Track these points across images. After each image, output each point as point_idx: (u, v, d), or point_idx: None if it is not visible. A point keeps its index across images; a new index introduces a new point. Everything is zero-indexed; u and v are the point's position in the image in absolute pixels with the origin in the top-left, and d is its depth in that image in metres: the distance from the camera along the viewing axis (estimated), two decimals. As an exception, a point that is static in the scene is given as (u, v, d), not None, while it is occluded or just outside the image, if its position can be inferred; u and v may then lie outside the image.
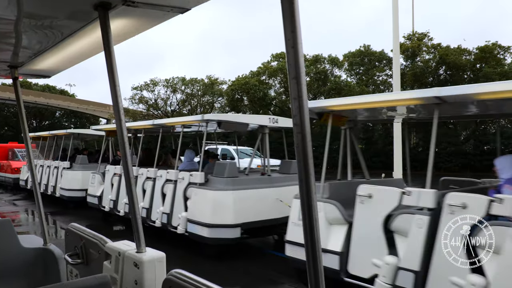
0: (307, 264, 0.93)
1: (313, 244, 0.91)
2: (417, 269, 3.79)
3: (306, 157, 0.90)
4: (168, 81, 34.06)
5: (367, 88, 28.05)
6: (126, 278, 1.64)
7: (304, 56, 6.06)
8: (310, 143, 0.91)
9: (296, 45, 0.88)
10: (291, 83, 0.90)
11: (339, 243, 4.64)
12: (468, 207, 3.53)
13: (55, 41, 1.93)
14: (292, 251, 5.05)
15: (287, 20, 0.88)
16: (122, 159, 1.60)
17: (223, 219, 6.10)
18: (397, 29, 12.76)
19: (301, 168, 0.91)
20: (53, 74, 2.72)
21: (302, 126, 0.89)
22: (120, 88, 1.58)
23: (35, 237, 2.69)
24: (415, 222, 3.90)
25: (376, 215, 4.29)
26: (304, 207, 0.92)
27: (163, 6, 1.48)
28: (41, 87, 43.65)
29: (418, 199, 3.93)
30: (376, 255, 4.15)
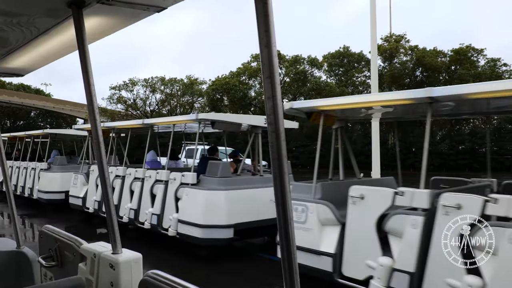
0: (282, 264, 0.94)
1: (288, 244, 0.92)
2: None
3: (281, 156, 0.91)
4: (147, 81, 33.69)
5: (346, 89, 28.44)
6: (101, 280, 1.62)
7: (283, 56, 6.10)
8: (285, 142, 0.92)
9: (269, 44, 0.88)
10: (265, 82, 0.90)
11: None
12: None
13: (28, 39, 1.88)
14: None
15: (260, 19, 0.88)
16: (97, 159, 1.58)
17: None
18: (375, 31, 12.97)
19: (276, 167, 0.92)
20: (26, 72, 2.65)
21: (276, 125, 0.90)
22: (95, 87, 1.56)
23: (8, 240, 2.61)
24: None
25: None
26: (278, 207, 0.93)
27: (139, 5, 1.46)
28: (15, 86, 42.44)
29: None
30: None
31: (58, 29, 1.70)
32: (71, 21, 1.56)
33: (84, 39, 1.51)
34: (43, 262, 2.01)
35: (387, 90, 26.29)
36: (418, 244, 3.74)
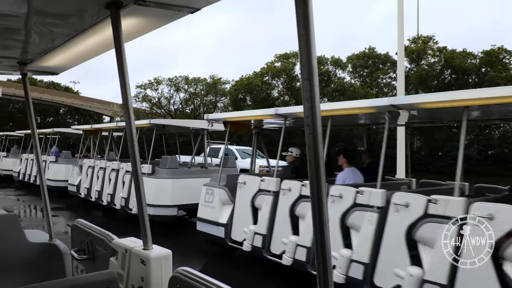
0: (316, 264, 0.94)
1: (323, 245, 0.92)
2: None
3: (318, 157, 0.91)
4: (172, 80, 34.13)
5: (371, 90, 28.02)
6: (132, 275, 1.65)
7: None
8: (322, 144, 0.91)
9: (309, 46, 0.88)
10: (303, 84, 0.90)
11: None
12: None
13: (65, 39, 1.94)
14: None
15: (300, 21, 0.88)
16: (131, 157, 1.61)
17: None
18: (402, 32, 12.74)
19: (312, 169, 0.91)
20: (61, 71, 2.73)
21: (314, 127, 0.90)
22: (130, 86, 1.60)
23: (41, 232, 2.70)
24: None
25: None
26: (314, 209, 0.93)
27: (174, 6, 1.49)
28: (46, 84, 43.81)
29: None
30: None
31: (94, 29, 1.75)
32: (108, 22, 1.60)
33: (120, 39, 1.55)
34: (75, 255, 2.07)
35: (413, 92, 25.75)
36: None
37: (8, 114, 42.91)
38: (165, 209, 7.93)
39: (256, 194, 5.77)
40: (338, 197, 4.66)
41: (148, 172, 8.28)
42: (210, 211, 6.48)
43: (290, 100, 30.74)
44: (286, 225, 5.24)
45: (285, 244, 5.11)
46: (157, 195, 7.90)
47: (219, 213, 6.27)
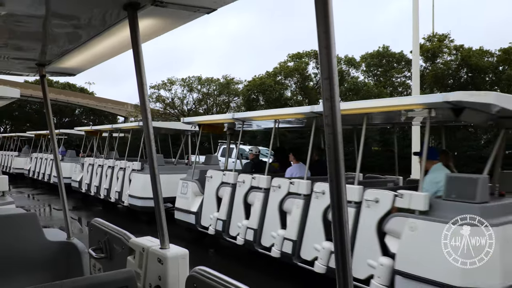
0: (336, 266, 0.93)
1: (342, 245, 0.91)
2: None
3: (338, 157, 0.90)
4: (185, 80, 34.34)
5: (385, 90, 27.73)
6: (149, 274, 1.67)
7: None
8: (342, 143, 0.90)
9: (329, 45, 0.88)
10: (323, 83, 0.90)
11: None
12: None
13: (82, 40, 1.96)
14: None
15: (320, 20, 0.87)
16: (148, 156, 1.62)
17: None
18: (417, 30, 12.57)
19: (332, 169, 0.91)
20: (78, 72, 2.77)
21: (333, 126, 0.89)
22: (147, 86, 1.61)
23: (59, 231, 2.74)
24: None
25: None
26: (334, 209, 0.92)
27: (190, 6, 1.50)
28: (62, 85, 44.55)
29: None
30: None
31: (112, 31, 1.76)
32: (125, 23, 1.62)
33: (138, 40, 1.56)
34: (93, 254, 2.10)
35: (428, 91, 25.38)
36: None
37: (25, 115, 43.77)
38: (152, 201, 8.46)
39: (219, 186, 6.81)
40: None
41: (138, 169, 9.60)
42: (184, 201, 7.58)
43: (303, 100, 30.64)
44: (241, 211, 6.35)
45: (239, 227, 6.26)
46: (144, 189, 8.96)
47: (191, 203, 7.37)
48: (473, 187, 3.90)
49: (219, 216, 6.62)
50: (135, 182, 9.43)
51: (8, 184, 5.35)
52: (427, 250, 3.86)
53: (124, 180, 9.99)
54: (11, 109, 39.92)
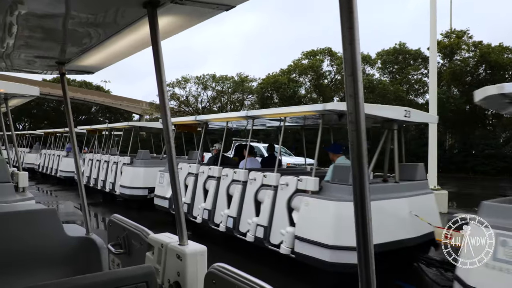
0: (358, 264, 0.92)
1: (365, 244, 0.90)
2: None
3: (361, 155, 0.89)
4: (199, 78, 34.51)
5: (401, 87, 27.37)
6: (168, 269, 1.68)
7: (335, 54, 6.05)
8: (365, 141, 0.89)
9: (353, 41, 0.86)
10: (347, 80, 0.88)
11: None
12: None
13: (102, 38, 1.98)
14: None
15: (344, 16, 0.86)
16: (167, 154, 1.63)
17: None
18: (435, 26, 12.33)
19: (355, 166, 0.89)
20: (97, 70, 2.79)
21: (357, 124, 0.88)
22: (166, 84, 1.61)
23: (78, 227, 2.78)
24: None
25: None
26: (357, 207, 0.91)
27: (209, 4, 1.49)
28: (78, 83, 45.28)
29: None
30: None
31: (131, 28, 1.77)
32: (144, 20, 1.62)
33: (157, 38, 1.57)
34: (112, 249, 2.13)
35: (446, 88, 24.95)
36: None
37: (43, 113, 44.66)
38: (139, 190, 10.45)
39: (186, 176, 8.25)
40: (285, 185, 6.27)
41: (127, 163, 11.03)
42: (161, 189, 8.90)
43: (318, 97, 30.46)
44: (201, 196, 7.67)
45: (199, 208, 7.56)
46: (132, 180, 10.52)
47: (166, 190, 8.58)
48: (347, 173, 5.25)
49: (185, 200, 7.91)
50: (125, 174, 10.90)
51: (28, 180, 5.45)
52: (315, 220, 5.20)
53: (116, 172, 11.39)
54: (29, 107, 40.78)
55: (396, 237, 5.19)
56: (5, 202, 4.67)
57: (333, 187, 5.31)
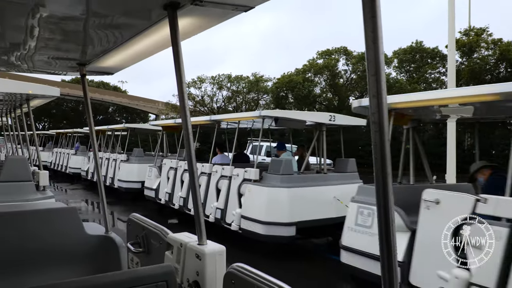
0: (381, 272, 0.90)
1: (389, 250, 0.89)
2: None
3: (384, 156, 0.88)
4: (215, 78, 34.64)
5: (418, 86, 26.94)
6: (187, 269, 1.69)
7: (350, 53, 5.99)
8: (389, 142, 0.88)
9: (376, 41, 0.86)
10: (370, 80, 0.88)
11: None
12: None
13: (122, 40, 2.00)
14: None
15: (367, 15, 0.85)
16: (187, 156, 1.64)
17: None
18: (453, 23, 12.09)
19: (378, 167, 0.88)
20: (117, 71, 2.83)
21: (380, 124, 0.87)
22: (186, 84, 1.62)
23: (97, 225, 2.82)
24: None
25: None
26: (380, 209, 0.90)
27: (229, 5, 1.50)
28: (96, 84, 46.00)
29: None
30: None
31: (151, 30, 1.79)
32: (164, 22, 1.64)
33: (178, 39, 1.58)
34: (131, 248, 2.15)
35: (464, 86, 24.42)
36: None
37: (62, 113, 45.52)
38: (133, 183, 11.96)
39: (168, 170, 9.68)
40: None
41: (124, 159, 12.53)
42: (149, 181, 10.49)
43: (333, 97, 30.25)
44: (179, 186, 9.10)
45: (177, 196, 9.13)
46: (127, 175, 12.07)
47: (153, 182, 10.20)
48: (279, 166, 6.72)
49: (167, 190, 9.44)
50: (122, 170, 12.45)
51: (48, 179, 5.56)
52: (254, 202, 6.57)
53: (115, 168, 12.95)
54: (49, 107, 41.62)
55: (320, 216, 6.63)
56: (26, 201, 4.79)
57: (269, 176, 6.76)
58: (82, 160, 16.68)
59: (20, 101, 5.83)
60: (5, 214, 2.39)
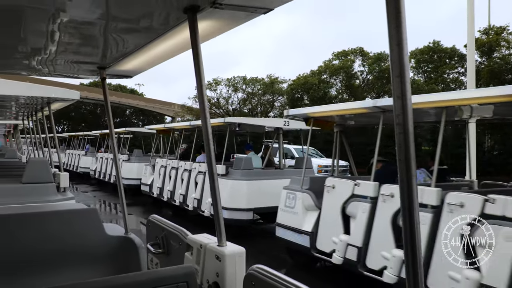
0: (406, 271, 0.89)
1: (413, 251, 0.88)
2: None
3: (409, 157, 0.87)
4: (230, 81, 34.79)
5: (436, 87, 26.49)
6: (207, 270, 1.70)
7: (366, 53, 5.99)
8: (413, 143, 0.87)
9: (401, 42, 0.85)
10: (394, 81, 0.87)
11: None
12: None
13: (142, 43, 2.03)
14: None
15: (391, 15, 0.85)
16: (207, 156, 1.65)
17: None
18: (472, 21, 11.87)
19: (403, 169, 0.87)
20: (136, 74, 2.87)
21: (405, 125, 0.86)
22: (205, 87, 1.63)
23: (117, 226, 2.85)
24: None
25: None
26: (405, 211, 0.88)
27: (248, 7, 1.50)
28: (113, 87, 46.74)
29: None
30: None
31: (171, 33, 1.81)
32: (184, 25, 1.65)
33: (197, 42, 1.59)
34: (151, 249, 2.18)
35: (484, 87, 23.92)
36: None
37: (80, 116, 46.38)
38: (133, 180, 13.33)
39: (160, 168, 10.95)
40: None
41: (125, 159, 14.09)
42: (145, 178, 11.93)
43: (349, 98, 30.00)
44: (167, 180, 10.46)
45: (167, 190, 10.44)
46: (128, 173, 13.44)
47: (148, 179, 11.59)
48: (241, 162, 8.14)
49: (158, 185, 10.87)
50: (123, 169, 13.66)
51: (68, 180, 5.67)
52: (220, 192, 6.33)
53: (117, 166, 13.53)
54: (68, 111, 42.46)
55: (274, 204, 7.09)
56: (48, 202, 4.89)
57: (233, 171, 8.17)
58: (91, 160, 18.32)
59: (41, 105, 5.96)
60: (27, 215, 2.44)
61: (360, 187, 5.19)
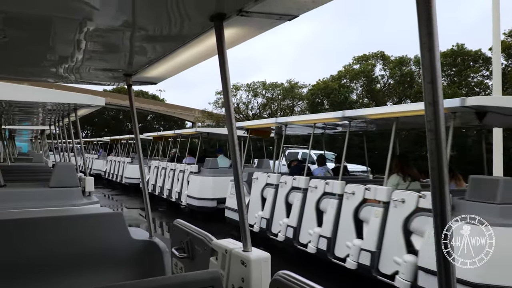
0: (438, 277, 0.88)
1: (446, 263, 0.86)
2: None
3: (441, 164, 0.86)
4: (250, 86, 34.89)
5: (459, 91, 25.88)
6: (232, 275, 1.71)
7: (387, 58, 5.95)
8: (445, 150, 0.86)
9: (432, 48, 0.84)
10: (426, 87, 0.86)
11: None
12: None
13: (168, 51, 2.06)
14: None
15: (423, 21, 0.84)
16: (233, 161, 1.67)
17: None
18: (498, 23, 11.55)
19: (435, 176, 0.86)
20: (160, 81, 2.92)
21: (437, 132, 0.85)
22: (231, 93, 1.65)
23: (141, 230, 2.89)
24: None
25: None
26: (436, 217, 0.87)
27: (274, 14, 1.52)
28: (136, 93, 47.47)
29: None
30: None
31: (196, 40, 1.83)
32: (210, 32, 1.67)
33: (224, 49, 1.61)
34: (176, 253, 2.20)
35: (510, 90, 23.23)
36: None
37: (104, 121, 47.37)
38: (135, 180, 16.15)
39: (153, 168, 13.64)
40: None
41: (129, 161, 16.97)
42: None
43: (370, 103, 29.64)
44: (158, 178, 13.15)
45: None
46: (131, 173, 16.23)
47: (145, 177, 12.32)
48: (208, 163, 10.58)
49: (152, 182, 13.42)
50: (127, 170, 16.79)
51: (93, 184, 5.79)
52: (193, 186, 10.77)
53: (124, 169, 17.25)
54: (92, 116, 43.43)
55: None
56: (73, 205, 5.01)
57: (203, 170, 10.47)
58: (102, 163, 21.27)
59: (68, 111, 6.13)
60: (54, 219, 2.50)
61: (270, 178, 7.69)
